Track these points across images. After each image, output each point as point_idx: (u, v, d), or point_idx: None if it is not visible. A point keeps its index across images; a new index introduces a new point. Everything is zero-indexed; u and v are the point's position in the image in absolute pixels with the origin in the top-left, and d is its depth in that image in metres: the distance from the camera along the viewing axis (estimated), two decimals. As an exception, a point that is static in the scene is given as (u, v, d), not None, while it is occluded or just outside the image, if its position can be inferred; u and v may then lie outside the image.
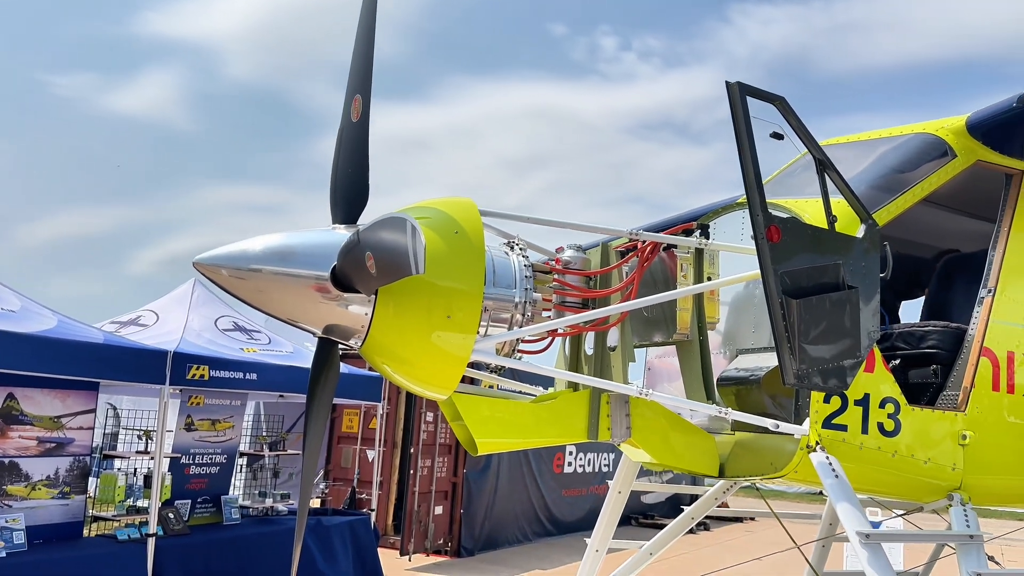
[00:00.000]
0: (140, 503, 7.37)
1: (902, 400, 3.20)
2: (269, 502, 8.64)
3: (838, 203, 3.05)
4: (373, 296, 2.84)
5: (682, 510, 4.88)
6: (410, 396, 11.83)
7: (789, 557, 6.24)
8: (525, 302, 3.10)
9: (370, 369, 11.09)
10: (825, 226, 2.97)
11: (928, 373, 3.43)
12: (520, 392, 3.46)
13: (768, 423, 3.09)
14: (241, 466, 8.89)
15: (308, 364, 8.98)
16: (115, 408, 8.85)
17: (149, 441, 7.69)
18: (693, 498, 15.14)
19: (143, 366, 6.68)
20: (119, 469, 7.79)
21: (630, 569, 4.64)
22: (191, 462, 7.99)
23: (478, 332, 2.92)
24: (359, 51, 3.02)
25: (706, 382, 3.40)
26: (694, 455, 3.45)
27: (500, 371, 3.31)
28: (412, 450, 11.07)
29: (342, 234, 2.91)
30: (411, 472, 11.01)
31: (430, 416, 11.21)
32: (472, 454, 3.24)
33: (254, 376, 7.68)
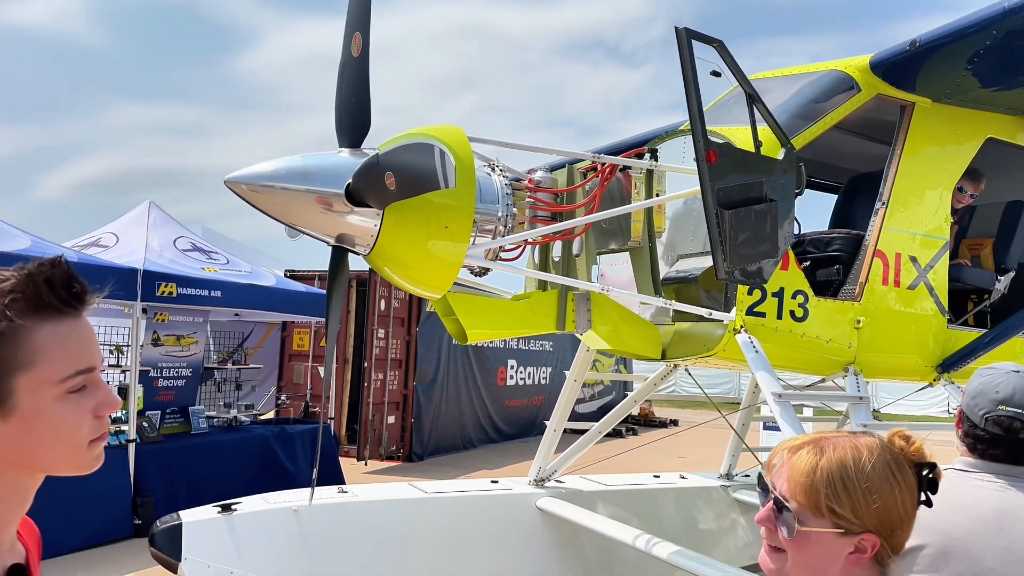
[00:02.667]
0: (115, 414, 7.79)
1: (810, 292, 3.93)
2: (234, 412, 9.14)
3: (763, 130, 3.68)
4: (381, 211, 3.36)
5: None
6: (360, 314, 12.34)
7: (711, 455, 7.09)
8: (506, 215, 3.67)
9: (321, 287, 11.52)
10: (752, 150, 3.61)
11: (832, 272, 4.17)
12: (499, 292, 4.06)
13: (703, 312, 3.80)
14: (211, 375, 9.31)
15: (265, 283, 9.36)
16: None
17: (120, 355, 8.04)
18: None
19: (115, 284, 7.01)
20: (94, 382, 8.13)
21: (579, 448, 5.41)
22: (159, 375, 8.40)
23: (469, 241, 3.48)
24: None
25: (654, 281, 4.07)
26: (642, 342, 4.15)
27: (485, 273, 3.89)
28: (365, 364, 11.65)
29: (349, 157, 3.40)
30: (365, 385, 11.62)
31: (381, 333, 11.78)
32: (461, 343, 3.85)
33: (218, 293, 8.07)
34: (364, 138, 3.48)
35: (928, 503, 1.28)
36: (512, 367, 15.25)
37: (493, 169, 3.74)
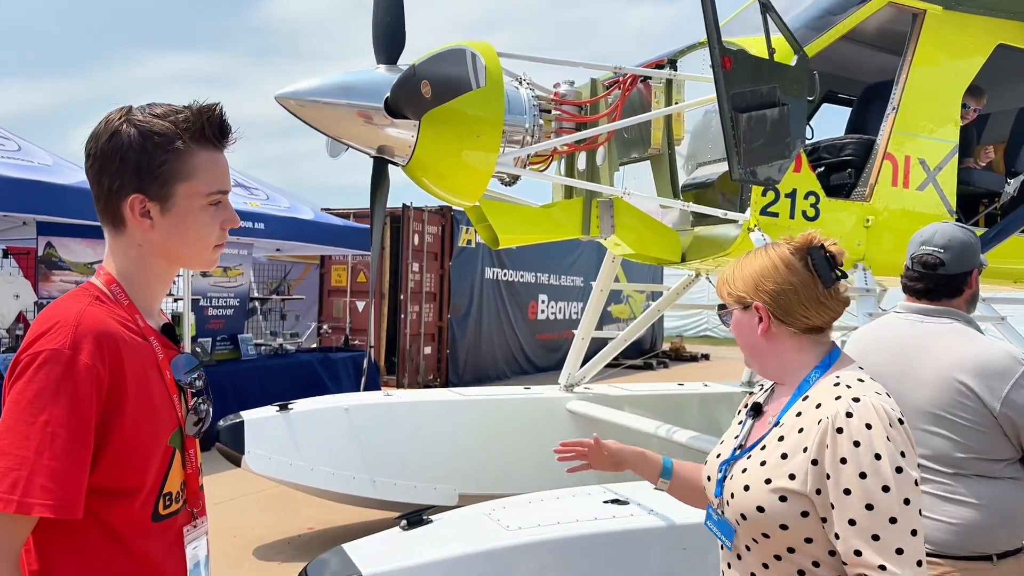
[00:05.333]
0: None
1: (822, 193, 4.17)
2: (280, 340, 9.64)
3: (777, 39, 3.88)
4: (418, 123, 3.65)
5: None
6: (395, 250, 12.73)
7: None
8: (533, 126, 3.95)
9: (356, 222, 11.91)
10: (766, 57, 3.82)
11: (845, 176, 4.39)
12: (529, 202, 4.36)
13: (719, 213, 4.07)
14: (255, 308, 9.79)
15: (305, 216, 9.75)
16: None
17: (172, 284, 8.53)
18: (651, 348, 16.51)
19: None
20: (150, 309, 8.65)
21: (607, 355, 5.76)
22: (209, 304, 8.89)
23: (499, 150, 3.77)
24: None
25: (673, 187, 4.33)
26: (662, 246, 4.43)
27: (514, 182, 4.18)
28: (401, 297, 12.09)
29: (386, 73, 3.68)
30: (402, 317, 12.08)
31: (416, 267, 12.17)
32: (493, 248, 4.17)
33: (261, 225, 8.45)
34: (400, 54, 3.75)
35: (826, 279, 1.58)
36: (543, 301, 15.60)
37: (520, 83, 4.00)
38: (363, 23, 3.90)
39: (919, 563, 1.39)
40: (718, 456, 1.71)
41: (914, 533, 1.40)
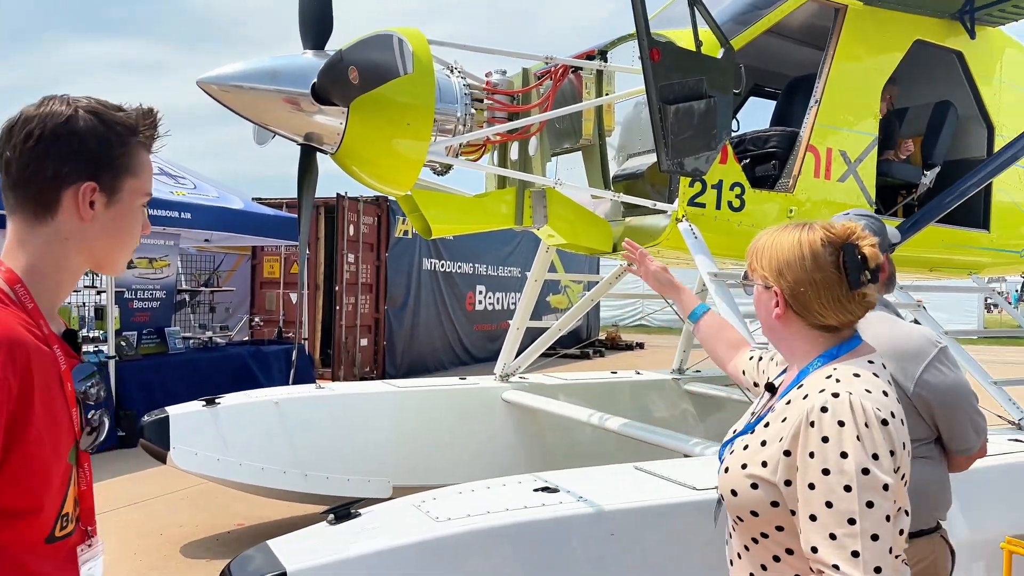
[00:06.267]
0: (93, 334, 8.01)
1: (747, 184, 4.26)
2: (209, 334, 9.40)
3: (704, 32, 3.94)
4: (346, 109, 3.58)
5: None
6: (329, 240, 12.52)
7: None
8: (465, 115, 3.92)
9: (289, 212, 11.66)
10: (694, 50, 3.88)
11: (769, 167, 4.50)
12: (462, 192, 4.33)
13: (649, 203, 4.12)
14: (184, 301, 9.52)
15: (234, 206, 9.52)
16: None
17: (95, 276, 8.22)
18: (588, 337, 16.64)
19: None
20: (69, 303, 8.32)
21: (541, 345, 5.79)
22: (134, 297, 8.61)
23: (430, 139, 3.73)
24: None
25: (605, 177, 4.37)
26: (594, 236, 4.47)
27: (447, 171, 4.15)
28: (336, 288, 11.91)
29: (313, 58, 3.60)
30: (337, 308, 11.91)
31: (351, 258, 12.01)
32: (426, 237, 4.13)
33: (188, 215, 8.20)
34: (327, 40, 3.67)
35: (852, 281, 1.53)
36: (481, 292, 15.61)
37: (452, 72, 3.97)
38: (293, 11, 3.79)
39: (877, 569, 1.34)
40: (734, 431, 1.70)
41: (875, 538, 1.35)
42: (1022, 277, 5.86)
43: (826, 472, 1.38)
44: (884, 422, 1.42)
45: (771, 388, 1.68)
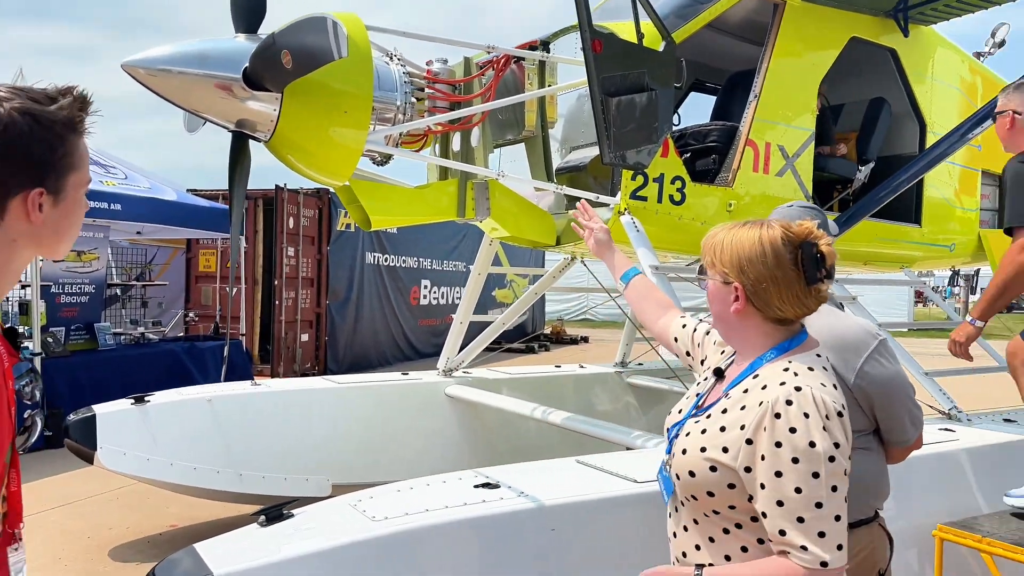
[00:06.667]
0: (18, 330, 7.64)
1: (687, 178, 4.28)
2: (141, 329, 9.09)
3: (646, 25, 3.93)
4: (280, 95, 3.46)
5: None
6: (268, 234, 12.24)
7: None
8: (405, 104, 3.83)
9: (224, 203, 11.36)
10: (636, 42, 3.86)
11: (709, 162, 4.53)
12: (402, 183, 4.24)
13: (591, 196, 4.10)
14: (115, 295, 9.18)
15: (167, 197, 9.20)
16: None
17: (18, 271, 7.84)
18: (533, 331, 16.66)
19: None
20: (-9, 298, 7.93)
21: (485, 339, 5.74)
22: (61, 291, 8.25)
23: (369, 127, 3.63)
24: None
25: (548, 170, 4.33)
26: (538, 229, 4.43)
27: (386, 161, 4.06)
28: (276, 282, 11.65)
29: (245, 41, 3.47)
30: (276, 303, 11.65)
31: (291, 251, 11.75)
32: (365, 230, 4.04)
33: (118, 206, 7.89)
34: (260, 23, 3.54)
35: (810, 278, 1.61)
36: (426, 287, 15.48)
37: (391, 59, 3.87)
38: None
39: (839, 547, 1.47)
40: (680, 411, 1.79)
41: (837, 518, 1.48)
42: (951, 271, 6.05)
43: (795, 460, 1.47)
44: (839, 414, 1.54)
45: (719, 374, 1.76)
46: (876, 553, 2.13)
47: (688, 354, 2.07)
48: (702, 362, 1.99)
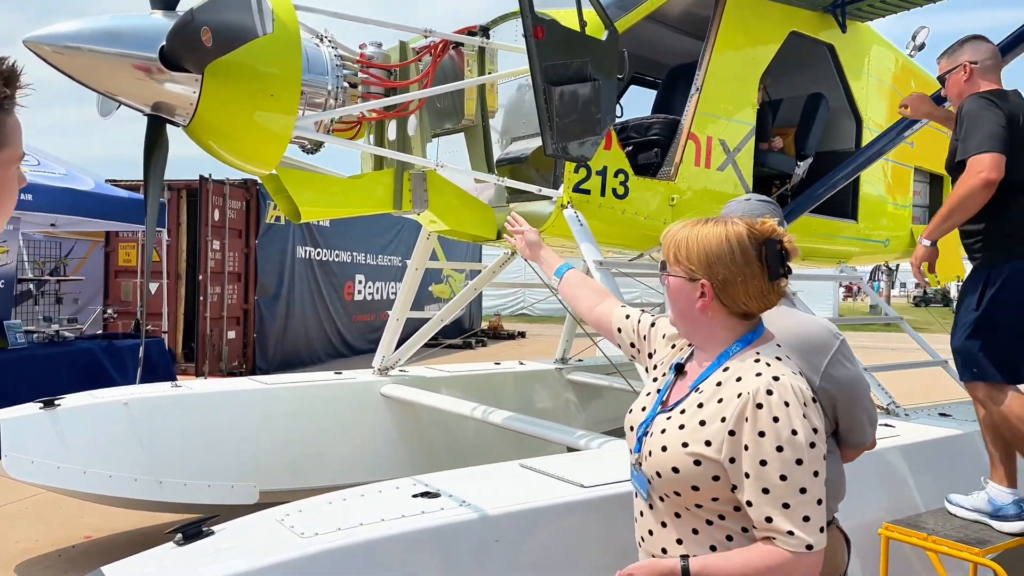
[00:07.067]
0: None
1: (630, 171, 4.18)
2: (55, 327, 8.56)
3: (588, 13, 3.81)
4: (200, 76, 3.21)
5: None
6: (192, 227, 11.74)
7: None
8: (336, 88, 3.62)
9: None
10: (578, 30, 3.73)
11: (651, 155, 4.45)
12: (335, 172, 4.02)
13: (533, 189, 3.96)
14: (28, 291, 8.64)
15: (83, 187, 8.72)
16: None
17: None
18: (471, 327, 16.56)
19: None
20: None
21: (422, 336, 5.55)
22: (-35, 288, 7.71)
23: (297, 113, 3.41)
24: None
25: (488, 161, 4.18)
26: (478, 222, 4.27)
27: (317, 149, 3.84)
28: (200, 277, 11.17)
29: (162, 18, 3.20)
30: (201, 299, 11.18)
31: (216, 244, 11.30)
32: (295, 222, 3.82)
33: (29, 196, 7.41)
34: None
35: (772, 273, 1.66)
36: (360, 282, 15.14)
37: (322, 41, 3.66)
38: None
39: (821, 529, 1.53)
40: (643, 409, 1.78)
41: (819, 502, 1.53)
42: (885, 266, 6.14)
43: (779, 449, 1.51)
44: (814, 400, 1.60)
45: (679, 368, 1.77)
46: (837, 556, 2.06)
47: (633, 346, 2.07)
48: (649, 355, 1.98)
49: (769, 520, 1.52)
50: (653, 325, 2.02)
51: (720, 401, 1.60)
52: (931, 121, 4.09)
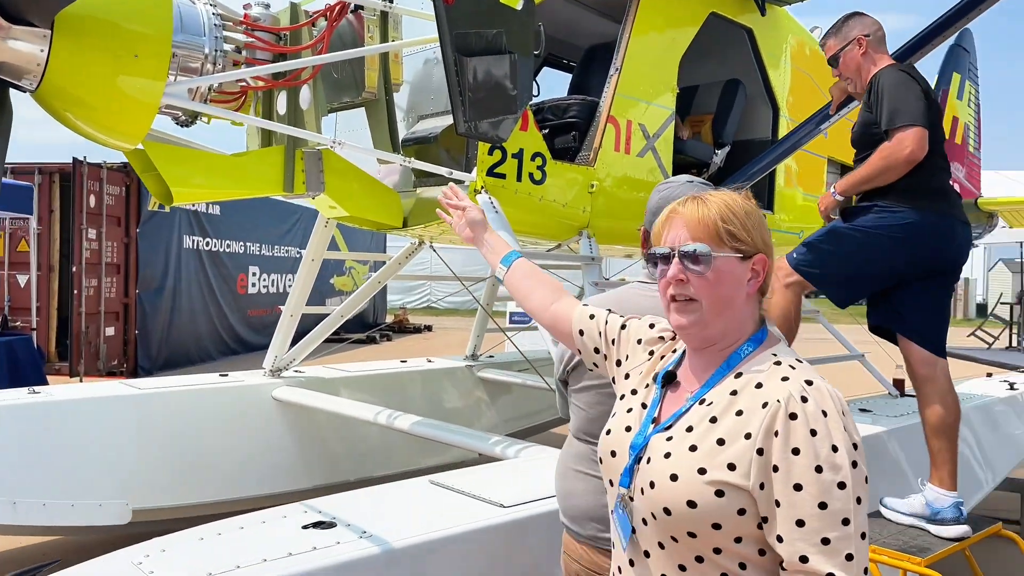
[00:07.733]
0: None
1: (548, 155, 3.88)
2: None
3: (504, -21, 3.47)
4: (49, 32, 2.70)
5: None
6: (65, 214, 10.76)
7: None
8: (215, 51, 3.16)
9: (12, 178, 9.85)
10: (492, -3, 3.39)
11: (569, 139, 4.16)
12: (215, 149, 3.54)
13: (443, 171, 3.60)
14: None
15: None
16: None
17: None
18: (375, 321, 16.03)
19: None
20: None
21: (319, 334, 5.10)
22: None
23: (168, 78, 2.94)
24: None
25: (393, 140, 3.78)
26: (381, 208, 3.88)
27: (193, 122, 3.36)
28: (75, 269, 10.23)
29: (0, -39, 2.67)
30: (75, 292, 10.24)
31: (92, 233, 10.38)
32: (167, 205, 3.32)
33: None
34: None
35: None
36: (254, 274, 14.37)
37: (197, -2, 3.18)
38: None
39: (865, 570, 1.25)
40: (627, 429, 1.45)
41: (863, 536, 1.25)
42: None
43: (819, 470, 1.22)
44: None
45: (669, 377, 1.46)
46: None
47: (597, 351, 1.70)
48: (618, 363, 1.63)
49: (804, 560, 1.22)
50: (624, 328, 1.68)
51: (740, 413, 1.31)
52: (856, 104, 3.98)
